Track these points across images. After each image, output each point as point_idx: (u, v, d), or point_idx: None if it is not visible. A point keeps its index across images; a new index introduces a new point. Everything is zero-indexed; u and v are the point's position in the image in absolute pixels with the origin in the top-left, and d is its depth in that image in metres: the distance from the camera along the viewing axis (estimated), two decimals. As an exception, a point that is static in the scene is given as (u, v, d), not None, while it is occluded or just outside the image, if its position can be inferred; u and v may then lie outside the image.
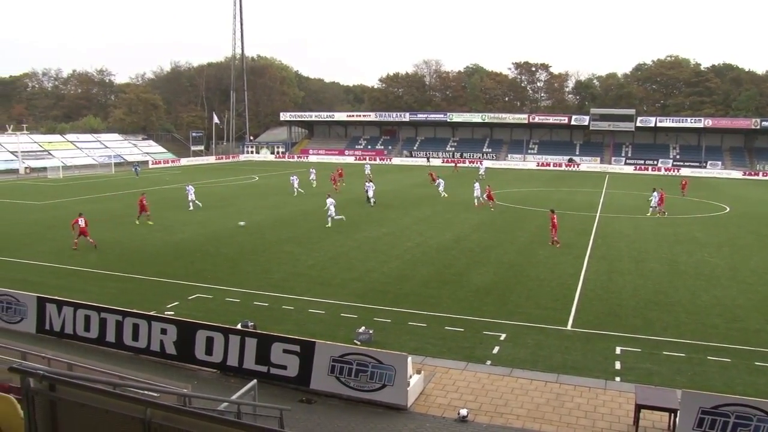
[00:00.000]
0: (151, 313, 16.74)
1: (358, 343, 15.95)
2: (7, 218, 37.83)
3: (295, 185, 50.74)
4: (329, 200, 35.56)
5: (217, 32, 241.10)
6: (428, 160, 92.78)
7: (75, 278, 23.64)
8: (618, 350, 16.28)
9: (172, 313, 18.34)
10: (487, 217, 38.74)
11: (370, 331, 16.83)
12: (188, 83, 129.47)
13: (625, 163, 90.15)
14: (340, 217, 35.18)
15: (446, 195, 48.57)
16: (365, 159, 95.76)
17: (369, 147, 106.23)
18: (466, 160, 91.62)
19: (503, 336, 17.28)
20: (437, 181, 51.12)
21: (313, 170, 61.52)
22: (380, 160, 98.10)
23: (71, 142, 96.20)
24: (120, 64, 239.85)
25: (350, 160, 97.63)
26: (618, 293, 21.80)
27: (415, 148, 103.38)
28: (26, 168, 77.81)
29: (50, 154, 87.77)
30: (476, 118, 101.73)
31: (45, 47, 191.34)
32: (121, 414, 4.14)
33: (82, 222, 28.63)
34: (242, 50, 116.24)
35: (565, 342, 17.01)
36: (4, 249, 28.56)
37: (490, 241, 30.84)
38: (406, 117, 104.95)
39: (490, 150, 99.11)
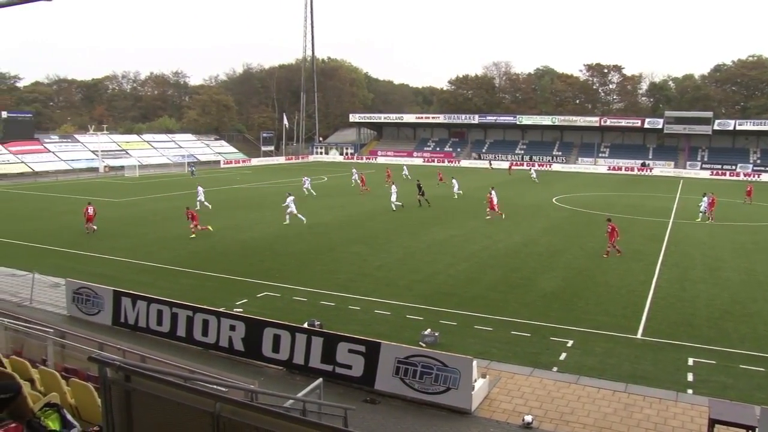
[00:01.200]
0: (221, 310, 17.16)
1: (424, 345, 15.93)
2: (88, 214, 39.38)
3: (307, 186, 50.72)
4: (290, 198, 36.01)
5: (289, 34, 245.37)
6: (490, 164, 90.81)
7: (148, 274, 24.46)
8: (690, 361, 15.70)
9: (241, 310, 18.74)
10: (556, 221, 38.12)
11: (436, 334, 16.76)
12: (259, 85, 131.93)
13: (701, 168, 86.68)
14: (300, 216, 35.41)
15: (461, 192, 49.29)
16: (433, 161, 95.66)
17: (438, 149, 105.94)
18: (536, 163, 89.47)
19: (570, 342, 16.95)
20: (452, 181, 51.06)
21: (356, 171, 61.88)
22: (449, 162, 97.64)
23: (147, 141, 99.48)
24: (194, 66, 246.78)
25: (419, 161, 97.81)
26: (691, 302, 21.05)
27: (484, 150, 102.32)
28: (105, 167, 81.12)
29: (127, 153, 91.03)
30: (546, 120, 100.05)
31: (126, 50, 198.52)
32: (192, 407, 4.26)
33: (90, 210, 32.41)
34: (312, 52, 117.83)
35: (634, 351, 16.54)
36: (84, 244, 29.86)
37: (558, 246, 30.32)
38: (475, 119, 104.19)
39: (560, 153, 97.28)
